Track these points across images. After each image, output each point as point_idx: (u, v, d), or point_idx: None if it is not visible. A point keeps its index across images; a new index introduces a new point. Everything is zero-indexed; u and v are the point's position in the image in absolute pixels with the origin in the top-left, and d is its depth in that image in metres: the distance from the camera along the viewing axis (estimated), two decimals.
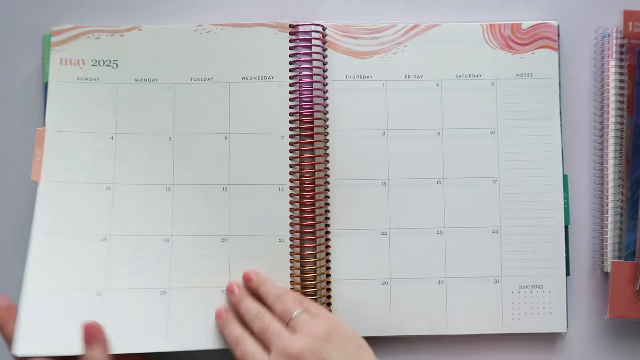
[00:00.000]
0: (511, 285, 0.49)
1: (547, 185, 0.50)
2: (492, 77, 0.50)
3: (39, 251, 0.47)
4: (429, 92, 0.50)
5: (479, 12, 0.52)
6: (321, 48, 0.49)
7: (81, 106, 0.49)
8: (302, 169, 0.49)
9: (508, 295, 0.49)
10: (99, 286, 0.47)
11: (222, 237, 0.48)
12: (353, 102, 0.50)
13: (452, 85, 0.50)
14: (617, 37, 0.50)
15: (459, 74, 0.50)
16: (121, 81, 0.49)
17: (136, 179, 0.48)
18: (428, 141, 0.50)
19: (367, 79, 0.50)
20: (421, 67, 0.50)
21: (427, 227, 0.49)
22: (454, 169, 0.50)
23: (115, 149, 0.49)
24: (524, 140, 0.50)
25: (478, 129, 0.50)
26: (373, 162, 0.50)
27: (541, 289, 0.49)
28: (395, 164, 0.50)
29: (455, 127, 0.50)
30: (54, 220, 0.47)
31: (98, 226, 0.48)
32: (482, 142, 0.50)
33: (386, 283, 0.49)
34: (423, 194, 0.49)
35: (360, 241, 0.49)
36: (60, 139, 0.48)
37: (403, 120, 0.50)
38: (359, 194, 0.49)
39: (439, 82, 0.50)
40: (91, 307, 0.46)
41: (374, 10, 0.52)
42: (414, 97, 0.50)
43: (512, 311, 0.49)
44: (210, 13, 0.52)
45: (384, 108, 0.50)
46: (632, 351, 0.50)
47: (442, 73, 0.50)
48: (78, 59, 0.49)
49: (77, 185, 0.48)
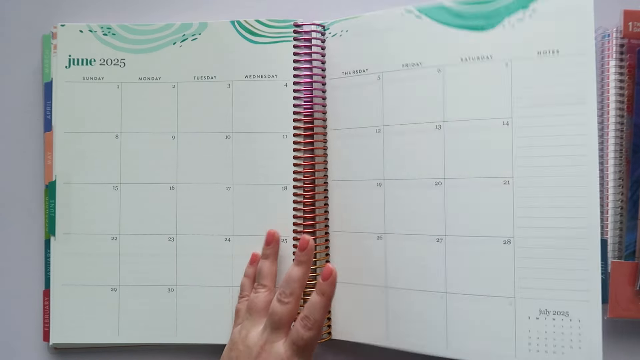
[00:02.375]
0: (528, 308, 0.41)
1: (578, 188, 0.40)
2: (506, 57, 0.42)
3: (58, 250, 0.51)
4: (429, 80, 0.44)
5: None
6: (320, 47, 0.49)
7: (87, 106, 0.51)
8: (306, 169, 0.48)
9: (524, 320, 0.41)
10: (114, 282, 0.51)
11: (225, 237, 0.49)
12: (350, 100, 0.47)
13: (456, 70, 0.43)
14: (617, 37, 0.50)
15: (464, 57, 0.43)
16: (125, 80, 0.49)
17: (141, 178, 0.50)
18: (427, 136, 0.44)
19: (362, 73, 0.47)
20: (421, 52, 0.44)
21: (425, 233, 0.44)
22: (457, 167, 0.43)
23: (121, 148, 0.50)
24: (548, 131, 0.41)
25: (488, 119, 0.42)
26: (368, 161, 0.46)
27: (567, 316, 0.40)
28: (390, 162, 0.45)
29: (459, 118, 0.43)
30: (70, 220, 0.51)
31: (109, 226, 0.51)
32: (492, 135, 0.42)
33: (384, 291, 0.45)
34: (422, 196, 0.44)
35: (356, 244, 0.47)
36: (70, 140, 0.51)
37: (399, 115, 0.45)
38: (356, 195, 0.47)
39: (440, 69, 0.44)
40: (107, 302, 0.50)
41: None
42: (413, 87, 0.44)
43: (528, 340, 0.41)
44: (218, 11, 0.53)
45: (379, 103, 0.46)
46: (632, 351, 0.49)
47: (445, 57, 0.43)
48: (86, 58, 0.50)
49: (89, 185, 0.51)
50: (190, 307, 0.49)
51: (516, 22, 0.42)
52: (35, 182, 0.53)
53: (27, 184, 0.53)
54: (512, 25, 0.42)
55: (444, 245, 0.43)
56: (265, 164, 0.49)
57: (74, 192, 0.51)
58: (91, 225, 0.50)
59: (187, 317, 0.49)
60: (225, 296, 0.49)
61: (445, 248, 0.43)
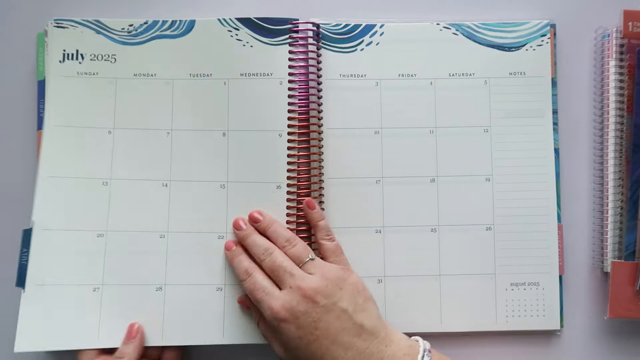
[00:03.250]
0: (505, 282, 0.49)
1: (539, 184, 0.50)
2: (485, 75, 0.50)
3: (38, 247, 0.47)
4: (422, 90, 0.50)
5: (477, 11, 0.52)
6: (315, 47, 0.50)
7: (80, 101, 0.49)
8: (300, 167, 0.49)
9: (502, 292, 0.49)
10: (96, 281, 0.47)
11: (218, 235, 0.48)
12: (347, 102, 0.50)
13: (445, 84, 0.50)
14: (617, 37, 0.50)
15: (452, 72, 0.50)
16: (120, 76, 0.49)
17: (133, 174, 0.49)
18: (421, 139, 0.50)
19: (360, 77, 0.50)
20: (415, 65, 0.51)
21: (421, 225, 0.50)
22: (448, 166, 0.50)
23: (113, 143, 0.49)
24: (517, 138, 0.50)
25: (471, 127, 0.50)
26: (367, 160, 0.50)
27: (536, 286, 0.49)
28: (388, 162, 0.50)
29: (448, 125, 0.50)
30: (53, 215, 0.48)
31: (95, 222, 0.48)
32: (476, 140, 0.50)
33: (381, 281, 0.49)
34: (417, 192, 0.50)
35: (354, 239, 0.49)
36: (59, 133, 0.48)
37: (396, 119, 0.50)
38: (354, 192, 0.50)
39: (432, 81, 0.50)
40: (88, 302, 0.47)
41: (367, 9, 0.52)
42: (407, 96, 0.50)
43: (505, 309, 0.49)
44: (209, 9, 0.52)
45: (378, 107, 0.50)
46: (632, 351, 0.50)
47: (436, 72, 0.50)
48: (77, 53, 0.49)
49: (75, 180, 0.48)
50: (179, 306, 0.48)
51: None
52: (28, 180, 0.50)
53: (20, 181, 0.50)
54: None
55: (438, 234, 0.50)
56: (260, 162, 0.49)
57: (61, 186, 0.48)
58: (76, 221, 0.48)
59: (176, 317, 0.48)
60: (215, 296, 0.48)
61: (439, 237, 0.50)
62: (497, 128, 0.50)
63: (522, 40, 0.51)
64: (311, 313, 0.42)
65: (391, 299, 0.49)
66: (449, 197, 0.50)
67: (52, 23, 0.50)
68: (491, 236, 0.49)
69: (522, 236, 0.49)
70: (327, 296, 0.42)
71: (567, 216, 0.51)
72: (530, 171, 0.50)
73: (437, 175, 0.50)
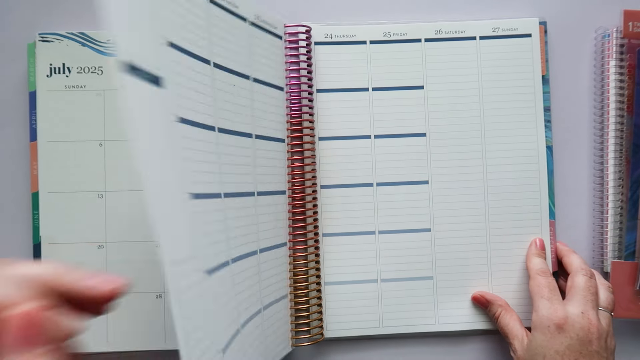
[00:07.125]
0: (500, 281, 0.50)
1: (531, 179, 0.50)
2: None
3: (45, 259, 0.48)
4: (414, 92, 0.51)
5: (476, 11, 0.52)
6: (306, 50, 0.49)
7: (70, 115, 0.49)
8: (294, 172, 0.49)
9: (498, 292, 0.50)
10: None
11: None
12: (340, 109, 0.51)
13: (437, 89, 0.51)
14: (617, 37, 0.50)
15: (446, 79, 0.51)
16: (107, 87, 0.49)
17: (125, 185, 0.49)
18: (414, 141, 0.50)
19: (351, 37, 0.51)
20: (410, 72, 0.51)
21: (413, 228, 0.50)
22: (441, 170, 0.50)
23: (105, 155, 0.49)
24: (509, 133, 0.51)
25: (465, 131, 0.51)
26: (360, 164, 0.50)
27: None
28: (382, 163, 0.50)
29: (441, 129, 0.51)
30: (55, 228, 0.48)
31: (93, 234, 0.48)
32: (469, 142, 0.51)
33: (375, 282, 0.50)
34: (410, 195, 0.50)
35: (350, 243, 0.50)
36: (53, 149, 0.49)
37: (388, 121, 0.51)
38: (349, 197, 0.50)
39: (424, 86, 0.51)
40: None
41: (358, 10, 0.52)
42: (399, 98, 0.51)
43: None
44: None
45: (368, 111, 0.51)
46: (632, 351, 0.50)
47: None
48: (64, 67, 0.49)
49: (72, 194, 0.48)
50: None
51: None
52: (22, 192, 0.50)
53: (13, 193, 0.51)
54: None
55: (432, 236, 0.50)
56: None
57: (58, 201, 0.48)
58: (76, 234, 0.48)
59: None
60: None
61: (433, 237, 0.50)
62: (489, 124, 0.51)
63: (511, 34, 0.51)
64: None
65: (386, 301, 0.50)
66: (444, 200, 0.50)
67: (37, 36, 0.49)
68: (484, 234, 0.50)
69: (515, 231, 0.50)
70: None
71: (567, 216, 0.51)
72: (521, 168, 0.50)
73: (430, 178, 0.50)
